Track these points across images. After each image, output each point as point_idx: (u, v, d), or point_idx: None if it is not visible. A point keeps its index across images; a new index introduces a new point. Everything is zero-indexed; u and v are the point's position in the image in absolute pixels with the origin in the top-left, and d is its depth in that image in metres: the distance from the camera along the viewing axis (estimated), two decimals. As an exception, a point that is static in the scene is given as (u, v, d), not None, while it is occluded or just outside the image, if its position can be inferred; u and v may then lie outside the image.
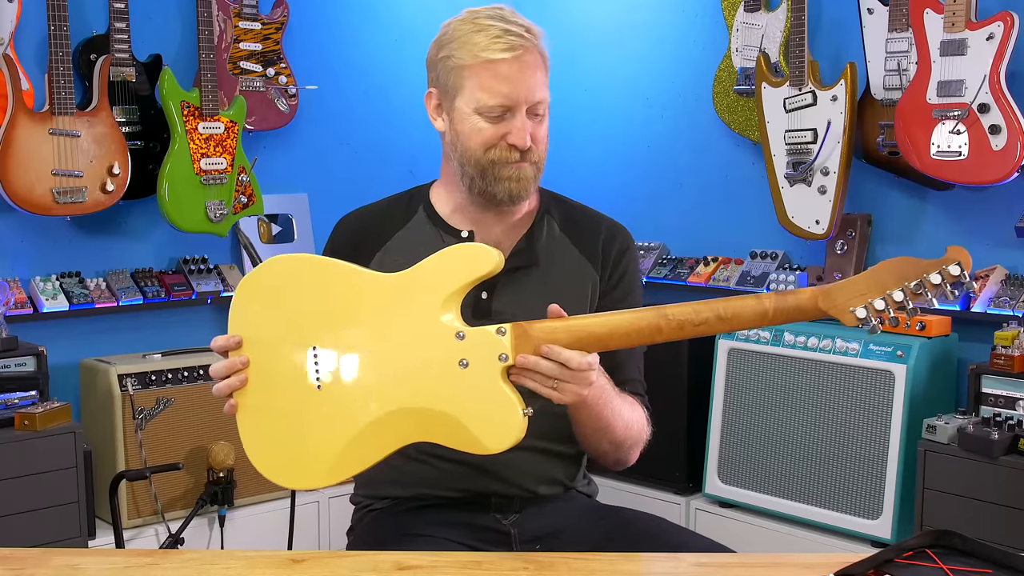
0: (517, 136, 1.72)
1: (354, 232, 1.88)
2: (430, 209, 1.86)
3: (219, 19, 3.62)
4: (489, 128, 1.73)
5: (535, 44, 1.75)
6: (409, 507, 1.82)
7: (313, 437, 1.59)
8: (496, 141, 1.73)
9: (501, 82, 1.71)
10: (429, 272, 1.56)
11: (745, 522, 3.48)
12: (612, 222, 1.92)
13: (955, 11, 3.07)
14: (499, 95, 1.71)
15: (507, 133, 1.73)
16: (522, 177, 1.75)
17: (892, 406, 3.16)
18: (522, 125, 1.72)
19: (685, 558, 1.58)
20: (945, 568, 1.38)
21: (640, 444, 1.81)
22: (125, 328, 3.59)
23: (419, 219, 1.86)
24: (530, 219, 1.86)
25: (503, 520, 1.79)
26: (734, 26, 3.74)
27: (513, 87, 1.71)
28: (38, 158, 3.21)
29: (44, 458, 3.01)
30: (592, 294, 1.84)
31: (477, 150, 1.74)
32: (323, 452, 1.58)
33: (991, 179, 3.09)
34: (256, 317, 1.64)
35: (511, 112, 1.72)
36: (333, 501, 3.61)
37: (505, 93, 1.71)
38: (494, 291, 1.79)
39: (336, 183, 4.07)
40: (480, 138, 1.74)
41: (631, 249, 1.90)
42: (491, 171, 1.75)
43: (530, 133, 1.73)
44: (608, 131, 4.31)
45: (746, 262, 3.81)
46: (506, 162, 1.74)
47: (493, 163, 1.74)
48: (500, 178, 1.75)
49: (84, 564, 1.59)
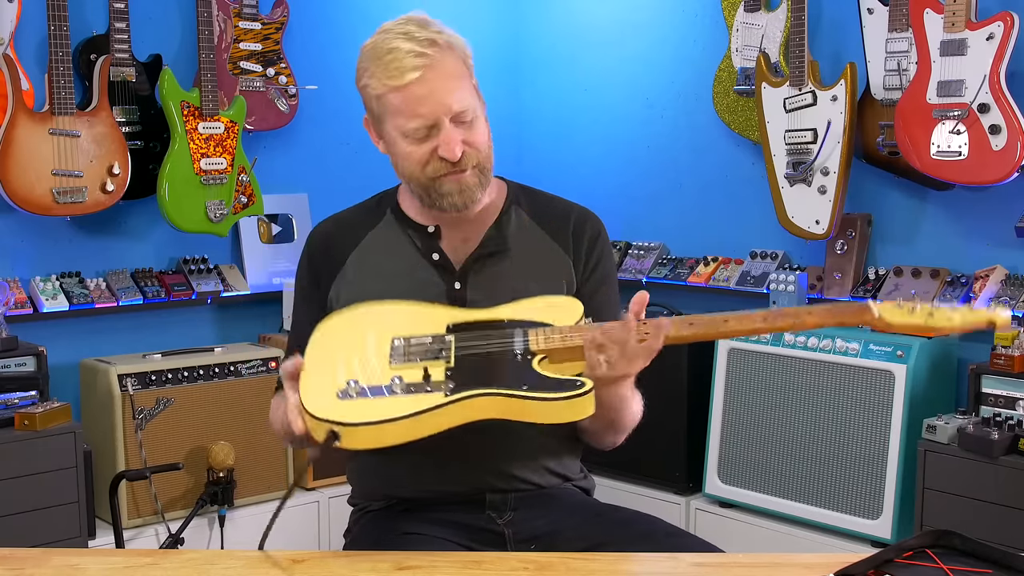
0: (445, 149, 1.73)
1: (327, 237, 1.92)
2: (398, 212, 1.89)
3: (219, 19, 3.62)
4: (418, 148, 1.75)
5: (443, 55, 1.73)
6: (405, 508, 1.82)
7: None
8: (428, 158, 1.75)
9: (414, 104, 1.72)
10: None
11: (745, 522, 3.48)
12: (582, 209, 1.94)
13: (955, 11, 3.07)
14: (416, 117, 1.72)
15: (435, 147, 1.74)
16: (464, 187, 1.77)
17: (892, 406, 3.16)
18: (449, 137, 1.72)
19: (684, 558, 1.58)
20: (945, 568, 1.38)
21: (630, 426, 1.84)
22: (125, 328, 3.59)
23: (388, 219, 1.89)
24: (497, 209, 1.89)
25: (498, 520, 1.79)
26: (734, 26, 3.73)
27: (426, 106, 1.71)
28: (38, 158, 3.21)
29: (44, 458, 3.01)
30: (568, 281, 1.85)
31: (415, 170, 1.77)
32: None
33: (991, 179, 3.09)
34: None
35: (435, 128, 1.73)
36: (333, 501, 3.61)
37: (421, 113, 1.72)
38: (467, 280, 1.82)
39: (336, 183, 4.07)
40: (413, 159, 1.76)
41: (603, 234, 1.92)
42: (432, 187, 1.77)
43: (462, 140, 1.74)
44: (608, 131, 4.31)
45: (746, 262, 3.81)
46: (444, 175, 1.75)
47: (432, 180, 1.76)
48: (442, 193, 1.77)
49: (84, 564, 1.59)
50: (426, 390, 1.60)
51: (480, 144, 1.77)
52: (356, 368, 1.64)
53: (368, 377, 1.63)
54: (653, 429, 1.88)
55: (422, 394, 1.59)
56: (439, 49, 1.73)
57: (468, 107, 1.74)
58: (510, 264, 1.83)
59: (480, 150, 1.77)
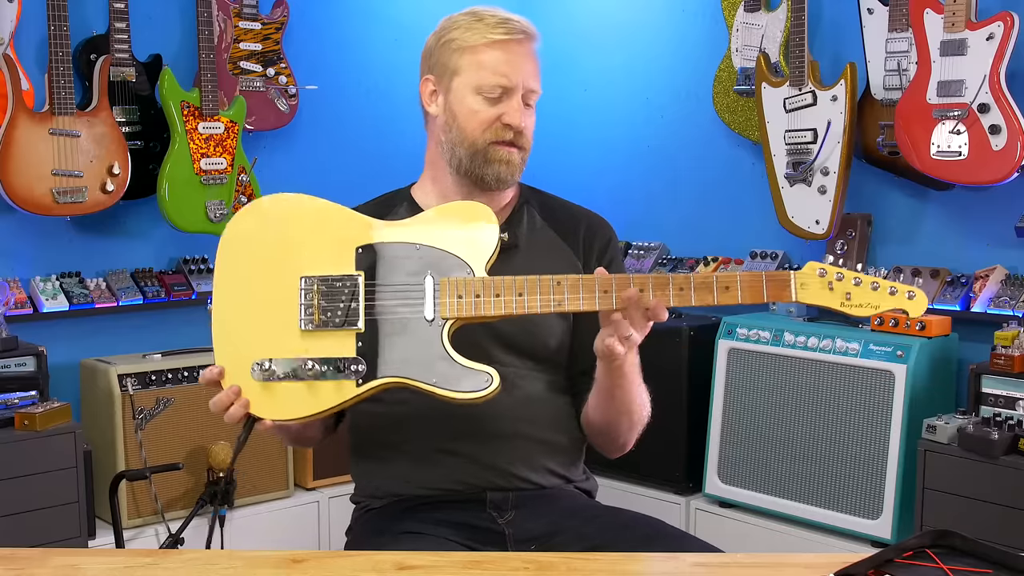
0: (512, 116, 1.80)
1: None
2: (413, 204, 1.91)
3: (219, 19, 3.62)
4: (486, 109, 1.80)
5: (532, 40, 1.83)
6: (406, 507, 1.82)
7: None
8: (492, 122, 1.80)
9: (502, 63, 1.80)
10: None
11: (745, 522, 3.48)
12: (592, 214, 1.97)
13: (955, 11, 3.07)
14: (500, 75, 1.79)
15: (503, 114, 1.80)
16: (511, 161, 1.82)
17: (892, 406, 3.15)
18: (518, 106, 1.80)
19: (685, 558, 1.58)
20: (945, 568, 1.38)
21: (643, 424, 1.85)
22: (125, 328, 3.59)
23: (401, 211, 1.90)
24: (510, 207, 1.91)
25: (499, 519, 1.80)
26: (734, 26, 3.74)
27: (513, 69, 1.79)
28: (38, 158, 3.21)
29: (44, 458, 3.01)
30: None
31: (474, 130, 1.81)
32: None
33: (991, 179, 3.09)
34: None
35: (508, 94, 1.80)
36: (333, 501, 3.61)
37: (505, 73, 1.79)
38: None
39: (336, 183, 4.06)
40: (477, 119, 1.80)
41: (613, 240, 1.95)
42: (482, 153, 1.81)
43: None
44: (608, 131, 4.31)
45: (746, 262, 3.81)
46: (500, 142, 1.80)
47: (488, 144, 1.80)
48: (490, 160, 1.81)
49: (84, 564, 1.59)
50: (337, 375, 1.63)
51: (530, 131, 1.84)
52: (266, 337, 1.66)
53: (279, 348, 1.65)
54: (653, 429, 1.88)
55: (333, 381, 1.63)
56: (531, 33, 1.83)
57: (538, 92, 1.83)
58: (520, 260, 1.84)
59: (529, 137, 1.84)
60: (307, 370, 1.64)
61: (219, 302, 1.70)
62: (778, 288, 1.62)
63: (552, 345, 1.85)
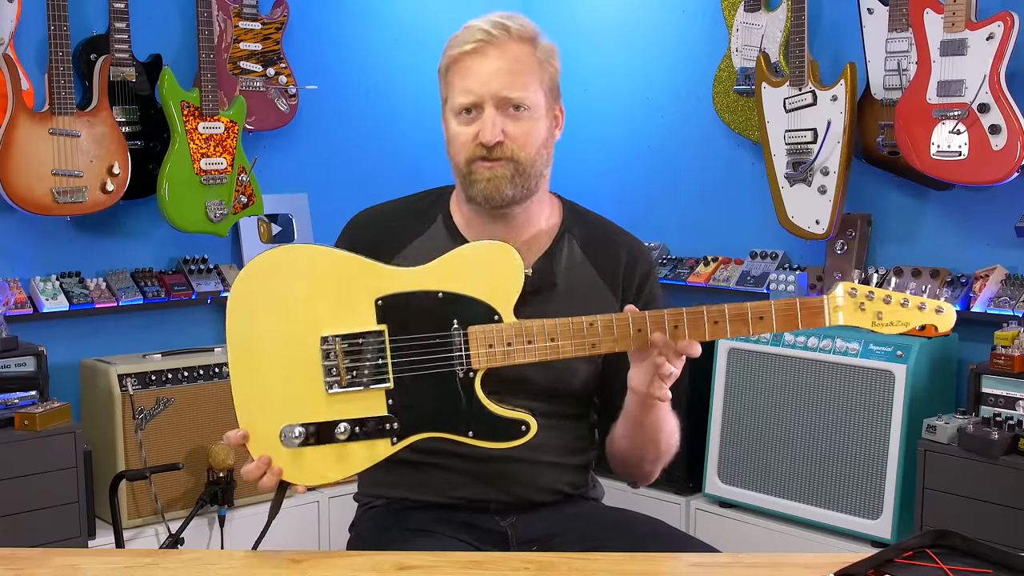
0: (484, 132, 1.67)
1: (375, 230, 1.83)
2: (448, 220, 1.82)
3: (219, 19, 3.62)
4: (464, 130, 1.70)
5: (510, 41, 1.70)
6: (409, 506, 1.82)
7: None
8: (470, 141, 1.70)
9: (465, 78, 1.69)
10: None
11: (745, 522, 3.48)
12: (633, 243, 1.88)
13: (955, 11, 3.07)
14: (462, 92, 1.69)
15: (479, 132, 1.69)
16: (494, 177, 1.70)
17: (892, 406, 3.15)
18: (490, 121, 1.67)
19: (685, 558, 1.58)
20: (945, 568, 1.38)
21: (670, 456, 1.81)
22: (125, 328, 3.59)
23: (437, 227, 1.82)
24: (550, 238, 1.82)
25: (501, 522, 1.79)
26: (734, 26, 3.74)
27: (477, 82, 1.68)
28: (38, 158, 3.21)
29: (44, 458, 3.01)
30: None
31: (457, 154, 1.73)
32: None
33: (991, 179, 3.09)
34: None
35: (479, 109, 1.68)
36: (333, 501, 3.61)
37: (468, 88, 1.68)
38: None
39: (336, 183, 4.07)
40: (458, 142, 1.72)
41: (653, 273, 1.87)
42: (468, 175, 1.72)
43: (502, 129, 1.68)
44: (608, 131, 4.31)
45: (746, 262, 3.81)
46: (478, 160, 1.70)
47: (468, 164, 1.71)
48: (474, 180, 1.71)
49: (84, 564, 1.59)
50: (370, 436, 1.59)
51: (522, 139, 1.70)
52: (291, 401, 1.60)
53: (307, 412, 1.59)
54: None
55: (367, 440, 1.60)
56: (508, 34, 1.70)
57: (524, 101, 1.70)
58: (556, 302, 1.76)
59: (520, 146, 1.70)
60: (339, 434, 1.59)
61: (236, 364, 1.62)
62: (812, 315, 1.56)
63: (576, 386, 1.79)
